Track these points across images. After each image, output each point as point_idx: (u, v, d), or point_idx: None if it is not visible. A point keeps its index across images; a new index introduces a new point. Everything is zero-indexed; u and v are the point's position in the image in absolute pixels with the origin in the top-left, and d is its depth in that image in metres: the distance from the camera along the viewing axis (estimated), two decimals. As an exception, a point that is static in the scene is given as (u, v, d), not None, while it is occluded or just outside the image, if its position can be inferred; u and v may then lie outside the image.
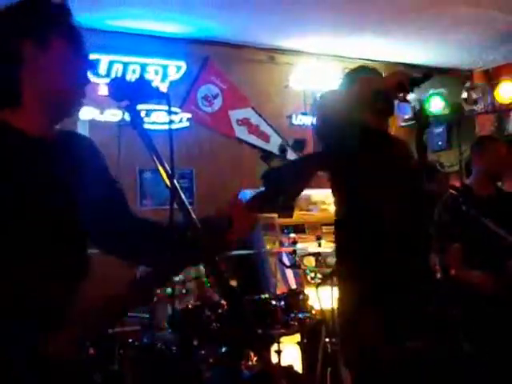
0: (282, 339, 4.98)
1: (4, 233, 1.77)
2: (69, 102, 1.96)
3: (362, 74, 3.47)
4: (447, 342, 3.51)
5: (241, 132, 7.60)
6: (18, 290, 1.78)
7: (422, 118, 4.01)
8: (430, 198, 4.03)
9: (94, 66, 1.95)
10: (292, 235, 5.88)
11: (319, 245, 5.53)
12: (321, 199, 7.03)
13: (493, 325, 4.20)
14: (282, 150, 2.57)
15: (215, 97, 7.48)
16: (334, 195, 3.46)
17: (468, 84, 8.46)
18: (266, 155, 1.90)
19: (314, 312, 5.08)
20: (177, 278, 5.52)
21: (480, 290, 4.22)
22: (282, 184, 1.94)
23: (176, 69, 7.13)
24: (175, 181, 1.70)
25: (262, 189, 1.95)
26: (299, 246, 5.56)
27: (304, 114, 7.85)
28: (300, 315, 5.01)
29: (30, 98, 1.90)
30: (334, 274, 4.61)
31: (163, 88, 6.73)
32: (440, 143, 8.48)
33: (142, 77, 6.34)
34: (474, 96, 8.45)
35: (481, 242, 4.26)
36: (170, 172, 1.69)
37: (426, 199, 3.67)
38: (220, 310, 4.71)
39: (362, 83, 3.37)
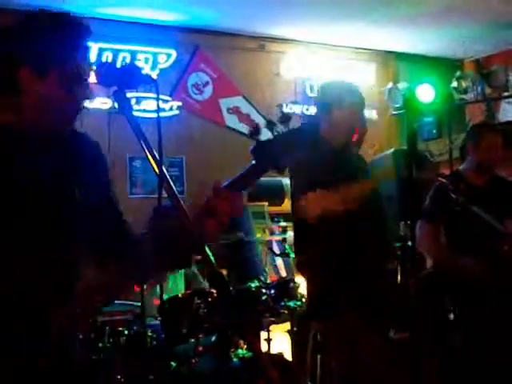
0: (272, 327, 4.99)
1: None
2: (59, 124, 1.93)
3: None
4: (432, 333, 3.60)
5: (231, 120, 7.59)
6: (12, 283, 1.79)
7: (412, 107, 3.99)
8: (419, 186, 4.04)
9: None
10: (282, 223, 5.88)
11: (309, 233, 5.52)
12: (311, 188, 7.01)
13: (484, 317, 4.21)
14: (270, 125, 2.60)
15: (205, 85, 7.46)
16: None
17: (458, 73, 8.45)
18: (255, 130, 1.88)
19: (304, 300, 5.09)
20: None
21: (469, 277, 4.23)
22: (273, 155, 1.90)
23: (166, 56, 7.11)
24: (164, 168, 1.69)
25: (253, 162, 1.91)
26: (289, 234, 5.56)
27: (295, 102, 7.83)
28: (290, 303, 5.01)
29: (24, 118, 1.88)
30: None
31: (153, 76, 6.71)
32: (430, 132, 8.48)
33: (130, 62, 6.31)
34: (464, 85, 8.45)
35: (469, 229, 4.27)
36: (158, 159, 1.68)
37: (415, 187, 3.70)
38: (209, 299, 4.71)
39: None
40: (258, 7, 6.80)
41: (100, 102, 6.60)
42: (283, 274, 6.35)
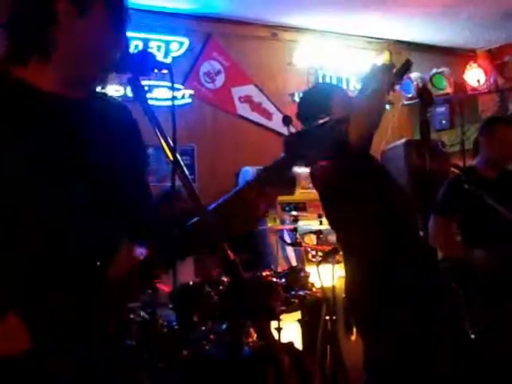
0: (283, 316, 5.00)
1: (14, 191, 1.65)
2: (95, 70, 1.83)
3: None
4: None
5: (243, 109, 7.58)
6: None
7: (425, 97, 3.96)
8: (432, 176, 4.02)
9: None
10: (293, 213, 5.86)
11: (320, 223, 5.52)
12: (322, 177, 7.00)
13: (495, 308, 4.20)
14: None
15: (217, 73, 7.45)
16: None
17: (471, 63, 8.42)
18: (288, 119, 1.83)
19: (314, 290, 5.09)
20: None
21: (480, 270, 4.22)
22: (303, 149, 1.81)
23: (178, 45, 7.11)
24: (178, 155, 1.68)
25: (282, 155, 1.76)
26: (300, 223, 5.56)
27: (307, 91, 7.80)
28: (301, 292, 5.02)
29: (59, 58, 1.77)
30: (335, 252, 4.62)
31: (165, 64, 6.70)
32: (442, 122, 8.46)
33: (144, 49, 6.29)
34: (477, 75, 8.43)
35: (484, 221, 4.26)
36: (172, 146, 1.67)
37: (428, 178, 3.69)
38: (220, 287, 4.71)
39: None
40: (271, -4, 6.78)
41: (112, 90, 6.59)
42: (294, 263, 6.34)
